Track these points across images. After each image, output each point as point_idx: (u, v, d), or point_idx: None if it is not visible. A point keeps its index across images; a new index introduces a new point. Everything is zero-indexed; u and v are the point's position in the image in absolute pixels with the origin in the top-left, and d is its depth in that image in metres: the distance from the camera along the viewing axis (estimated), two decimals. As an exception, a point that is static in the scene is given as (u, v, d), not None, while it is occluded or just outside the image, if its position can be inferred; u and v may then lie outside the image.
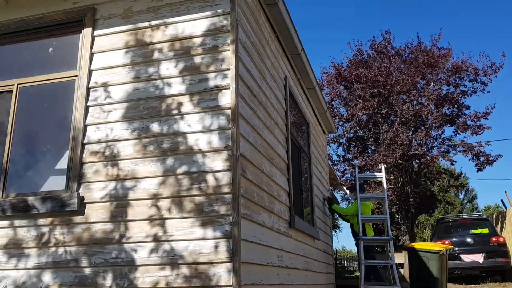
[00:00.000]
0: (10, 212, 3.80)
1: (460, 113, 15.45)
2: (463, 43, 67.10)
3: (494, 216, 16.11)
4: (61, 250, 3.64)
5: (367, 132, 16.01)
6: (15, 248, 3.74)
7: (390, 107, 14.89)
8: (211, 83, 3.67)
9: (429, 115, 14.68)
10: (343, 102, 16.45)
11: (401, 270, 15.30)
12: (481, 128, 15.06)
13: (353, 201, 8.23)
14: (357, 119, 15.38)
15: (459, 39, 67.44)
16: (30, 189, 4.01)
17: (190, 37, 3.83)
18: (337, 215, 9.06)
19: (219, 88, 3.64)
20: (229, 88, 3.60)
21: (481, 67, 15.26)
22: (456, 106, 15.46)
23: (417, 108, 14.64)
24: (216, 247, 3.31)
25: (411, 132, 14.97)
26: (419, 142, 14.81)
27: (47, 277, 3.60)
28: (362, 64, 15.89)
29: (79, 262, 3.57)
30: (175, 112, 3.69)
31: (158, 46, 3.89)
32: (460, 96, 15.42)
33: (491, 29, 69.59)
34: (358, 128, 16.02)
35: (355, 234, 7.86)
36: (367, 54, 16.46)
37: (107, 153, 3.76)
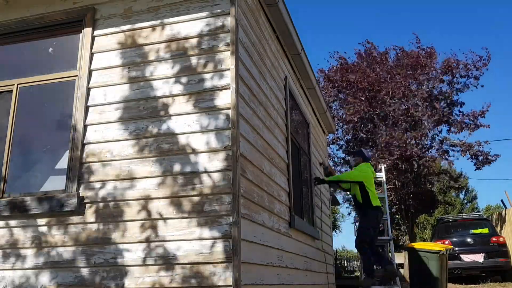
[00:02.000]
0: (9, 212, 3.79)
1: (454, 113, 15.50)
2: (443, 44, 67.02)
3: (494, 216, 16.11)
4: (61, 250, 3.64)
5: (365, 133, 16.00)
6: (14, 249, 3.73)
7: (381, 108, 14.91)
8: (211, 83, 3.67)
9: (423, 115, 14.67)
10: (339, 105, 16.51)
11: (401, 270, 15.30)
12: (478, 126, 15.08)
13: (353, 166, 6.92)
14: (352, 122, 15.42)
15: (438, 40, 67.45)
16: (30, 189, 4.02)
17: (190, 37, 3.83)
18: (336, 187, 8.23)
19: (219, 88, 3.63)
20: (229, 88, 3.60)
21: (470, 61, 15.35)
22: (450, 105, 15.48)
23: (410, 108, 14.64)
24: (216, 247, 3.31)
25: (408, 133, 14.95)
26: (417, 142, 14.80)
27: (47, 277, 3.60)
28: (350, 70, 15.94)
29: (79, 262, 3.57)
30: (175, 112, 3.69)
31: (158, 46, 3.89)
32: (454, 93, 15.47)
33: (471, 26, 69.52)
34: (356, 130, 16.01)
35: (358, 205, 6.58)
36: (355, 61, 16.48)
37: (107, 153, 3.75)
